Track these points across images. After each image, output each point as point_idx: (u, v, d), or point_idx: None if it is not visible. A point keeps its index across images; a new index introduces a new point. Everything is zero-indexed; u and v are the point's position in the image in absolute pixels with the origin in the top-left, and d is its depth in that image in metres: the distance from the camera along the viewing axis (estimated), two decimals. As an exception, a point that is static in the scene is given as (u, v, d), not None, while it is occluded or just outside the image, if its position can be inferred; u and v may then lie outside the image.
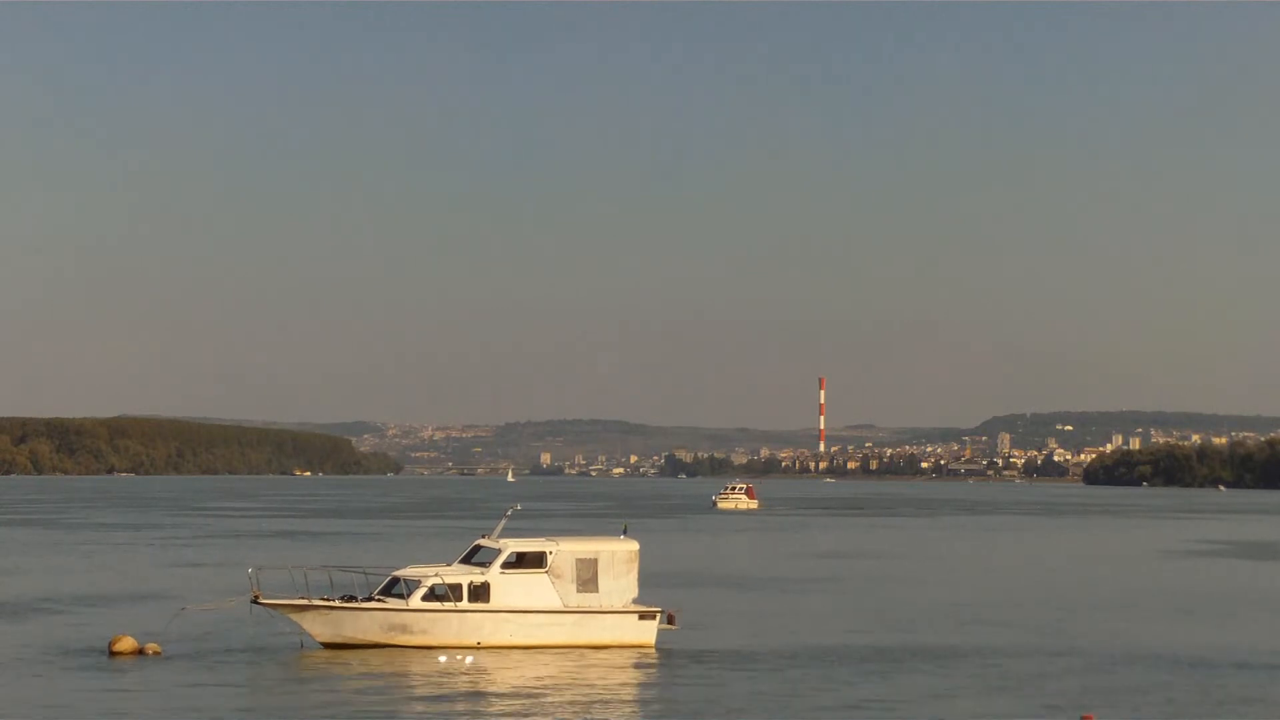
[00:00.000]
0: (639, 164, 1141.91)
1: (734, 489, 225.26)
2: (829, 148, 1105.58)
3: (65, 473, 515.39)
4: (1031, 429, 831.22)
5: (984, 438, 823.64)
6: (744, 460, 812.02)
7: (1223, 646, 48.29)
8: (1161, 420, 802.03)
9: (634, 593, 46.33)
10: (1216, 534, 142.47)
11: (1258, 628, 55.88)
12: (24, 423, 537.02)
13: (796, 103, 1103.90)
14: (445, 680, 39.49)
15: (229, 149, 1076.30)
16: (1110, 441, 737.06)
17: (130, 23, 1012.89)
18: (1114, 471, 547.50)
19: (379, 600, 45.69)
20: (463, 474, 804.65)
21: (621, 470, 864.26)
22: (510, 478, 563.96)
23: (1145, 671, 42.23)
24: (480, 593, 45.23)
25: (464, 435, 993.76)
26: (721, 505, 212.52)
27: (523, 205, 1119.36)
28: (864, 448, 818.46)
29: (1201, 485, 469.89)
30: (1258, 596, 71.36)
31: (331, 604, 45.39)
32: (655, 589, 56.23)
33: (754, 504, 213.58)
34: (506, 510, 51.12)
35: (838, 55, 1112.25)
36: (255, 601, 45.27)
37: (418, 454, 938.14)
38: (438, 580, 45.26)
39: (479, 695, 37.32)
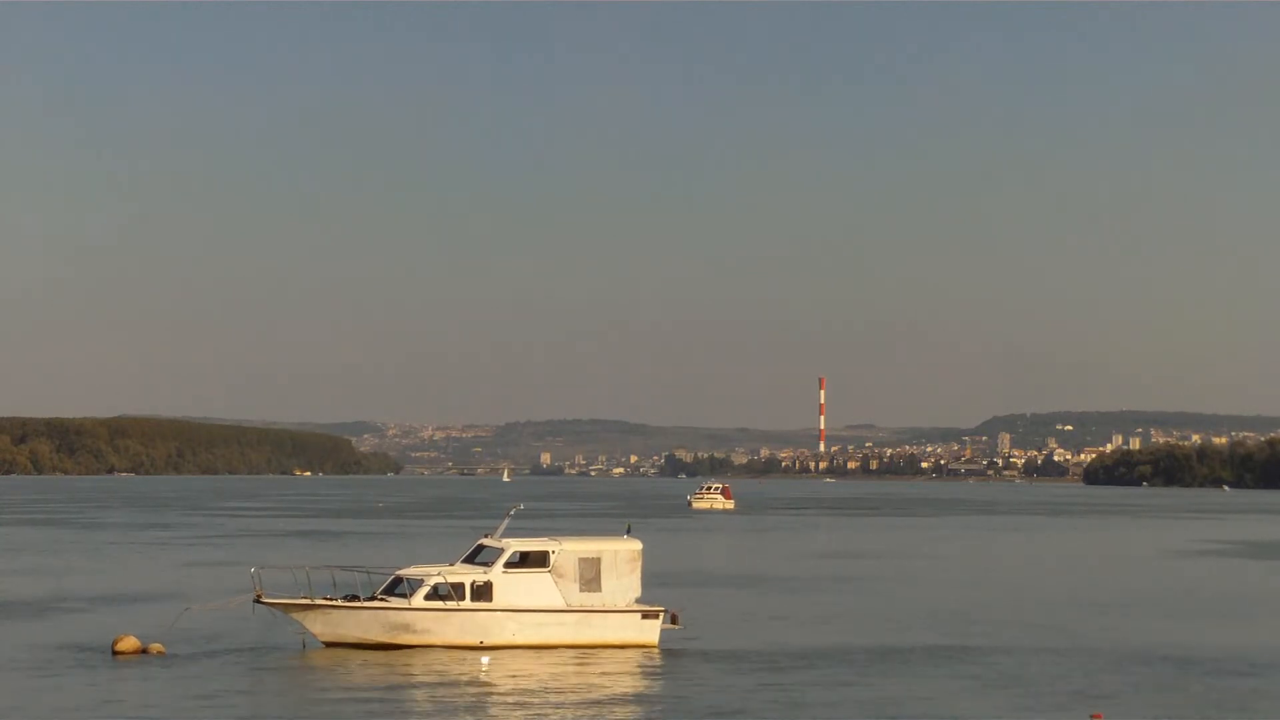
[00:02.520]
0: (639, 164, 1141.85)
1: (709, 489, 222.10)
2: (830, 148, 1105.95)
3: (65, 472, 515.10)
4: (1031, 429, 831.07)
5: (984, 438, 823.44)
6: (744, 460, 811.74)
7: (1232, 646, 48.14)
8: (1161, 420, 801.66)
9: (637, 592, 46.23)
10: (1222, 534, 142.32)
11: (1267, 628, 55.77)
12: (24, 422, 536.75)
13: (797, 103, 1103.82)
14: (448, 679, 39.40)
15: (229, 149, 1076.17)
16: (1110, 441, 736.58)
17: (131, 22, 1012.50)
18: (1114, 471, 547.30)
19: (382, 600, 45.60)
20: (462, 474, 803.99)
21: (621, 470, 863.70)
22: (506, 477, 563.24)
23: (1154, 671, 42.09)
24: (483, 592, 45.12)
25: (464, 435, 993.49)
26: (696, 505, 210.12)
27: (523, 205, 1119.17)
28: (864, 448, 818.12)
29: (1201, 485, 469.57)
30: (1266, 596, 71.27)
31: (334, 603, 45.30)
32: (657, 588, 56.12)
33: (730, 504, 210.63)
34: (509, 510, 51.03)
35: (839, 56, 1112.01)
36: (258, 601, 45.18)
37: (418, 454, 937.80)
38: (440, 579, 45.17)
39: (482, 694, 37.22)
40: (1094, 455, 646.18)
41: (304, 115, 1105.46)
